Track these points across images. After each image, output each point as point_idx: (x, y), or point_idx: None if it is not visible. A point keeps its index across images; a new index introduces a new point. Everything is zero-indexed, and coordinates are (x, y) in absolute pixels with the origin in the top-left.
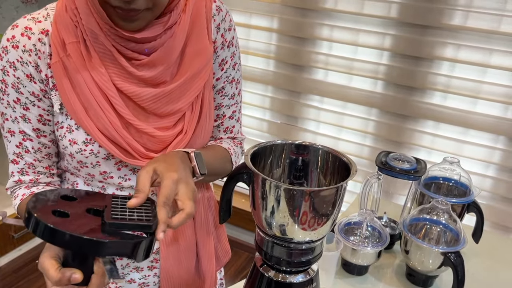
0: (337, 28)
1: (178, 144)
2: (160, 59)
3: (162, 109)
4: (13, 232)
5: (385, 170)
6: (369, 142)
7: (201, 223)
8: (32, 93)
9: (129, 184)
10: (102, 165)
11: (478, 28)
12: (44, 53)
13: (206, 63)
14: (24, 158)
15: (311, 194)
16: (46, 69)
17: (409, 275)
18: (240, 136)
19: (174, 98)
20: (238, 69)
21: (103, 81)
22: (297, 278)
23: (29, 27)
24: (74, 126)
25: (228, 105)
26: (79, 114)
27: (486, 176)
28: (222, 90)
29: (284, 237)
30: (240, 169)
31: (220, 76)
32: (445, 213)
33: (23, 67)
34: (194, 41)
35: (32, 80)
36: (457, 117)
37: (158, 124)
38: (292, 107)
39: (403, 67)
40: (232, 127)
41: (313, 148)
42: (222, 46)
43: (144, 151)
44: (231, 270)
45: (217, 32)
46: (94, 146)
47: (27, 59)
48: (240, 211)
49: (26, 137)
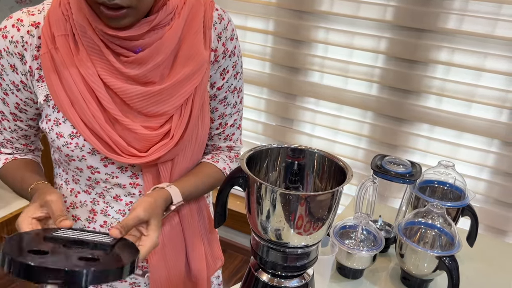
0: (332, 31)
1: (163, 146)
2: (147, 58)
3: (148, 109)
4: (6, 234)
5: (381, 174)
6: (364, 144)
7: (190, 227)
8: (12, 82)
9: (116, 182)
10: (88, 160)
11: (473, 32)
12: (31, 45)
13: (198, 68)
14: (3, 133)
15: (307, 199)
16: (31, 61)
17: (404, 279)
18: (238, 145)
19: (161, 99)
20: (240, 78)
21: (89, 75)
22: (293, 282)
23: (20, 19)
24: (61, 119)
25: (231, 114)
26: (65, 107)
27: (480, 179)
28: (225, 100)
29: (280, 241)
30: (235, 173)
31: (222, 86)
32: (440, 217)
33: (8, 57)
34: (188, 46)
35: (14, 71)
36: (451, 121)
37: (145, 123)
38: (288, 109)
39: (398, 70)
40: (232, 134)
41: (309, 152)
42: (223, 56)
43: (126, 146)
44: (226, 273)
45: (218, 41)
46: (80, 139)
47: (13, 50)
48: (235, 213)
49: (4, 117)
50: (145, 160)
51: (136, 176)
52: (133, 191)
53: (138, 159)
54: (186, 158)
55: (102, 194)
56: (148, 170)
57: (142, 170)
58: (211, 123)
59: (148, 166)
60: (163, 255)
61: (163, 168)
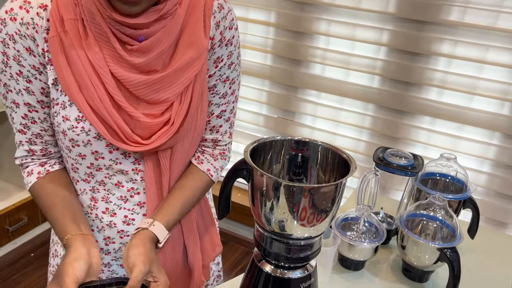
0: (334, 23)
1: (164, 133)
2: (150, 47)
3: (150, 96)
4: (8, 225)
5: (383, 166)
6: (365, 137)
7: (189, 218)
8: (33, 66)
9: (119, 168)
10: (94, 144)
11: (476, 24)
12: (42, 27)
13: (198, 56)
14: (31, 128)
15: (310, 191)
16: (43, 43)
17: (405, 270)
18: (226, 139)
19: (162, 86)
20: (234, 69)
21: (97, 60)
22: (296, 273)
23: (27, 1)
24: (68, 103)
25: (218, 104)
26: (72, 90)
27: (481, 172)
28: (214, 88)
29: (283, 233)
30: (239, 165)
31: (213, 74)
32: (441, 209)
33: (22, 40)
34: (188, 34)
35: (31, 54)
36: (453, 113)
37: (146, 111)
38: (289, 101)
39: (400, 63)
40: (220, 126)
41: (313, 144)
42: (219, 44)
43: (130, 133)
44: (227, 264)
45: (216, 29)
46: (86, 123)
47: (25, 32)
48: (237, 205)
49: (31, 109)
50: (148, 147)
51: (138, 162)
52: (135, 177)
53: (141, 146)
54: (184, 147)
55: (102, 181)
56: (149, 157)
57: (144, 156)
58: None
59: (149, 154)
60: (161, 248)
61: (162, 155)
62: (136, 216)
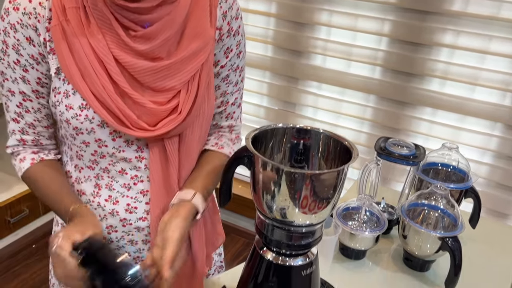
0: (336, 13)
1: (172, 121)
2: (155, 33)
3: (156, 84)
4: (10, 216)
5: (384, 156)
6: (366, 128)
7: None
8: (31, 56)
9: (122, 156)
10: (97, 132)
11: (478, 14)
12: (44, 16)
13: (204, 45)
14: (25, 117)
15: (312, 177)
16: (44, 33)
17: (407, 260)
18: (238, 123)
19: (168, 74)
20: (242, 57)
21: (100, 47)
22: (297, 261)
23: None
24: (71, 91)
25: (232, 92)
26: (76, 79)
27: (482, 163)
28: (227, 78)
29: (285, 220)
30: (240, 153)
31: (225, 64)
32: (443, 198)
33: (23, 30)
34: (194, 23)
35: (31, 43)
36: (455, 104)
37: (152, 98)
38: (290, 93)
39: (402, 53)
40: (233, 112)
41: (315, 132)
42: (228, 34)
43: (135, 119)
44: (228, 255)
45: (223, 20)
46: (89, 111)
47: (27, 21)
48: (238, 197)
49: (26, 98)
50: (154, 134)
51: (141, 149)
52: (139, 164)
53: (147, 132)
54: (194, 134)
55: (106, 169)
56: (155, 145)
57: (147, 144)
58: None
59: (154, 141)
60: None
61: (169, 143)
62: (139, 204)
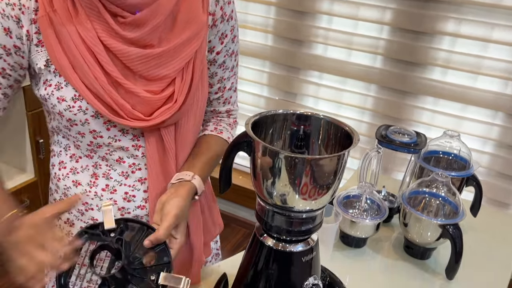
0: (337, 2)
1: (167, 110)
2: (144, 19)
3: (149, 72)
4: None
5: (385, 143)
6: (367, 118)
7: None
8: (3, 46)
9: (119, 145)
10: (91, 123)
11: (481, 1)
12: (29, 8)
13: (198, 32)
14: None
15: (312, 162)
16: (29, 25)
17: (407, 248)
18: (235, 107)
19: (161, 62)
20: (237, 41)
21: (89, 37)
22: (297, 247)
23: None
24: (63, 83)
25: (228, 77)
26: (66, 70)
27: (483, 152)
28: (223, 64)
29: (285, 206)
30: (240, 138)
31: (221, 50)
32: (444, 186)
33: (3, 20)
34: (186, 9)
35: (8, 35)
36: (456, 93)
37: (146, 88)
38: (291, 83)
39: (403, 42)
40: (230, 97)
41: (315, 118)
42: (222, 20)
43: (130, 109)
44: (228, 246)
45: (216, 5)
46: (83, 102)
47: (9, 12)
48: (237, 187)
49: None
50: (150, 123)
51: (137, 138)
52: (136, 153)
53: (143, 122)
54: (189, 122)
55: (104, 157)
56: (151, 134)
57: (143, 132)
58: (210, 88)
59: (150, 130)
60: None
61: (165, 132)
62: (137, 192)
